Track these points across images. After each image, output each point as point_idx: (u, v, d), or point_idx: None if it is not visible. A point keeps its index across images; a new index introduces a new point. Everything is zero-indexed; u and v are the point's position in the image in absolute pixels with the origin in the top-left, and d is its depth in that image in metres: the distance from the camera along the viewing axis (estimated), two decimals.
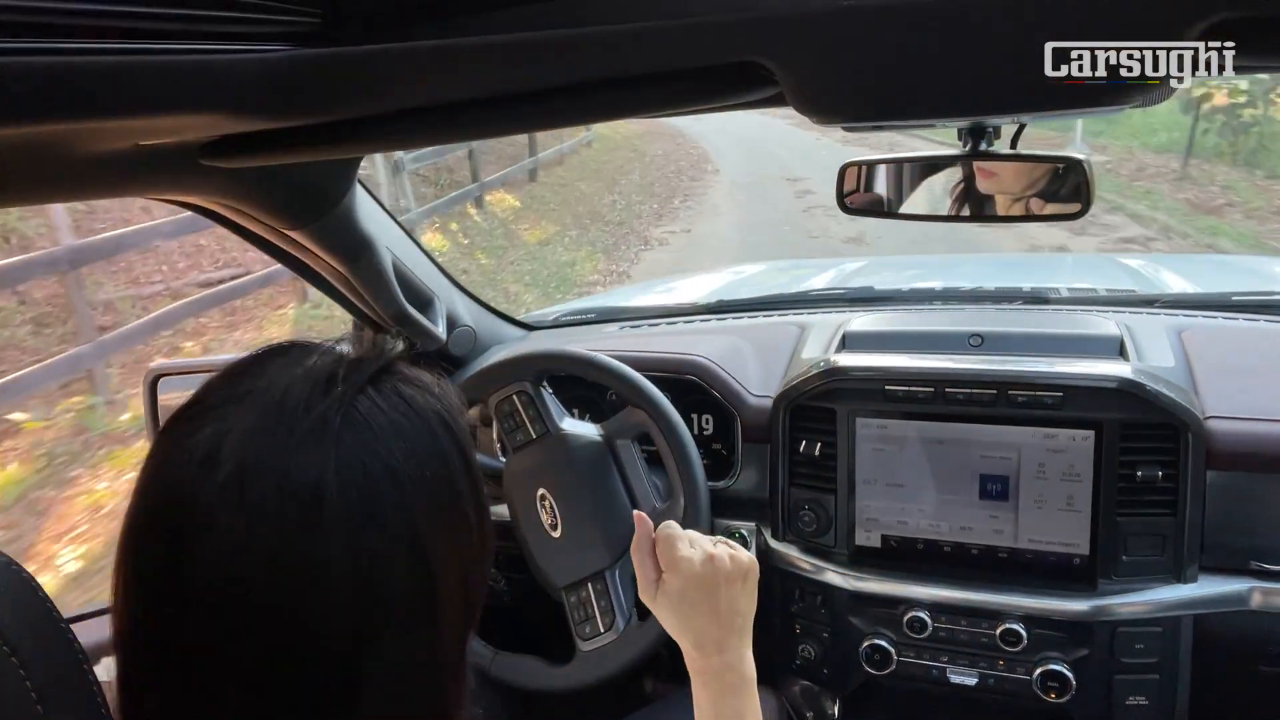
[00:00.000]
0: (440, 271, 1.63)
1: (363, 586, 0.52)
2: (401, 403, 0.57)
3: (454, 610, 0.58)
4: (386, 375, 0.59)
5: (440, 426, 0.58)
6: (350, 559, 0.51)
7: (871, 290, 1.95)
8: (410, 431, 0.56)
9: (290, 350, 0.59)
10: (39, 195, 0.93)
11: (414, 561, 0.54)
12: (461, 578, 0.58)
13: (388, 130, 0.80)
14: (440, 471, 0.57)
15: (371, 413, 0.55)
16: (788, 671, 1.45)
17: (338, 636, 0.52)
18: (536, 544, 1.36)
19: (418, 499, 0.55)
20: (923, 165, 1.10)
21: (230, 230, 1.19)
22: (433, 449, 0.57)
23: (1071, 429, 1.23)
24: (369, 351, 0.61)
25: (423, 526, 0.55)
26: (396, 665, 0.55)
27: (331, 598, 0.51)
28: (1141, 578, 1.22)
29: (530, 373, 1.38)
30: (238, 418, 0.53)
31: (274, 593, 0.50)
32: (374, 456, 0.53)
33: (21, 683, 0.44)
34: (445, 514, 0.57)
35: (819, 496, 1.37)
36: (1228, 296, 1.65)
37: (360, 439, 0.53)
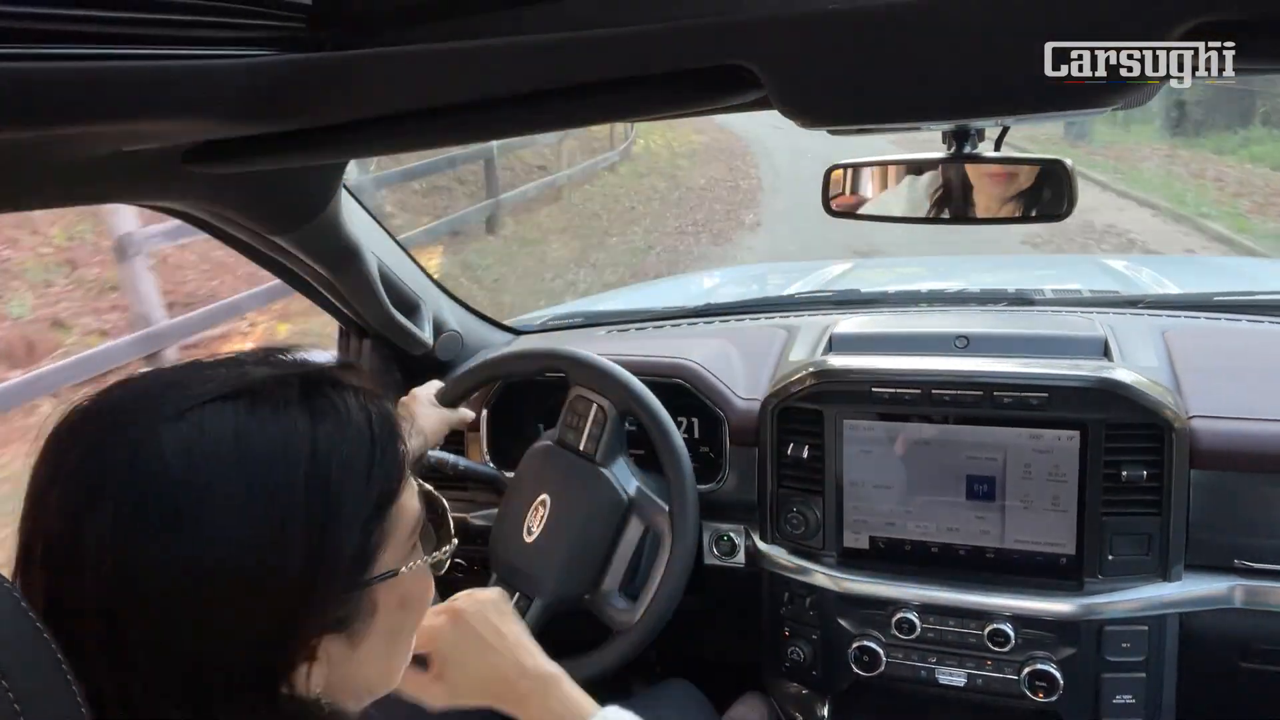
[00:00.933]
0: (426, 277, 1.63)
1: (124, 583, 0.52)
2: (267, 412, 0.56)
3: (233, 638, 0.54)
4: (284, 391, 0.57)
5: (303, 454, 0.55)
6: (118, 554, 0.52)
7: (858, 292, 1.95)
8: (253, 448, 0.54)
9: (241, 357, 0.60)
10: (20, 202, 0.92)
11: (179, 580, 0.52)
12: (250, 611, 0.54)
13: (372, 135, 0.79)
14: (268, 503, 0.54)
15: (215, 417, 0.54)
16: (777, 673, 1.45)
17: (90, 615, 0.52)
18: (507, 530, 1.35)
19: (214, 519, 0.53)
20: (908, 168, 1.11)
21: (215, 236, 1.19)
22: (270, 466, 0.54)
23: (1057, 429, 1.23)
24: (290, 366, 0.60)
25: (204, 548, 0.52)
26: (160, 676, 0.54)
27: (96, 590, 0.52)
28: (1127, 577, 1.23)
29: (534, 368, 1.39)
30: (108, 397, 0.57)
31: (57, 570, 0.53)
32: (183, 458, 0.53)
33: (4, 693, 0.43)
34: (252, 540, 0.53)
35: (807, 499, 1.37)
36: (1210, 297, 1.66)
37: (180, 436, 0.53)
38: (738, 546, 1.43)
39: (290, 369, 0.59)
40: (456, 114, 0.74)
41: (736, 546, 1.43)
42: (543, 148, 10.24)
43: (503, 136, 0.83)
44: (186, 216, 1.11)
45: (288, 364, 0.60)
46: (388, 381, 1.63)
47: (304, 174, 1.13)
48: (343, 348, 1.65)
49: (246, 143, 0.84)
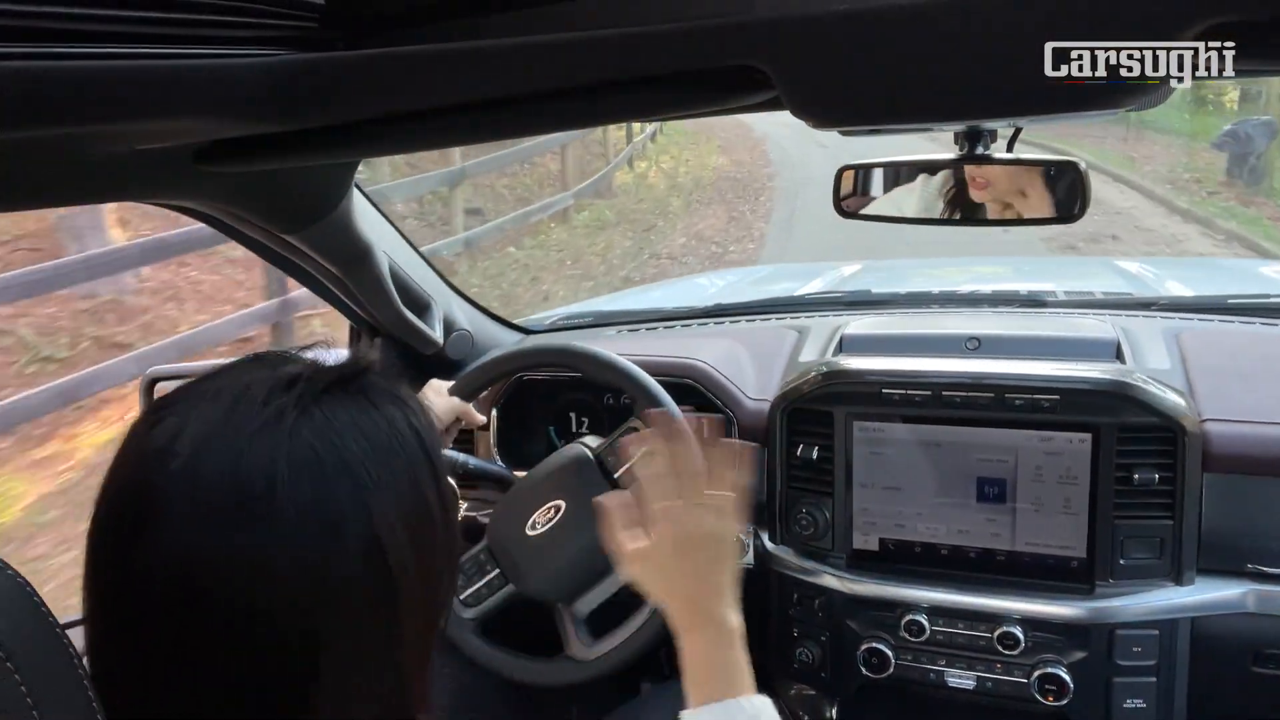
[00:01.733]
0: (437, 275, 1.63)
1: (313, 581, 0.52)
2: (367, 404, 0.58)
3: (417, 611, 0.58)
4: (355, 380, 0.59)
5: (407, 429, 0.59)
6: (299, 553, 0.52)
7: (869, 293, 1.95)
8: (373, 432, 0.57)
9: (267, 357, 0.60)
10: (33, 200, 0.93)
11: (371, 555, 0.54)
12: (425, 579, 0.59)
13: (384, 135, 0.80)
14: (405, 472, 0.57)
15: (333, 411, 0.55)
16: (785, 675, 1.45)
17: (288, 631, 0.52)
18: (512, 517, 1.34)
19: (378, 497, 0.55)
20: (919, 169, 1.10)
21: (226, 234, 1.19)
22: (397, 450, 0.57)
23: (1068, 432, 1.23)
24: (342, 361, 0.61)
25: (382, 525, 0.55)
26: (353, 663, 0.55)
27: (279, 591, 0.51)
28: (1139, 581, 1.22)
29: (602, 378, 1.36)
30: (198, 412, 0.54)
31: (221, 584, 0.51)
32: (331, 451, 0.54)
33: (17, 688, 0.44)
34: (409, 514, 0.57)
35: (816, 500, 1.37)
36: (1224, 299, 1.65)
37: (317, 434, 0.54)
38: (746, 547, 1.42)
39: (341, 365, 0.61)
40: (467, 114, 0.74)
41: (745, 547, 1.43)
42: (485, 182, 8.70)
43: (513, 136, 0.83)
44: (199, 215, 1.12)
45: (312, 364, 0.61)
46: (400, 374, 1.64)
47: (316, 173, 1.13)
48: (353, 346, 1.65)
49: (258, 142, 0.84)
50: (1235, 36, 0.55)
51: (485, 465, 1.47)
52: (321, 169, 1.13)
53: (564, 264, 7.95)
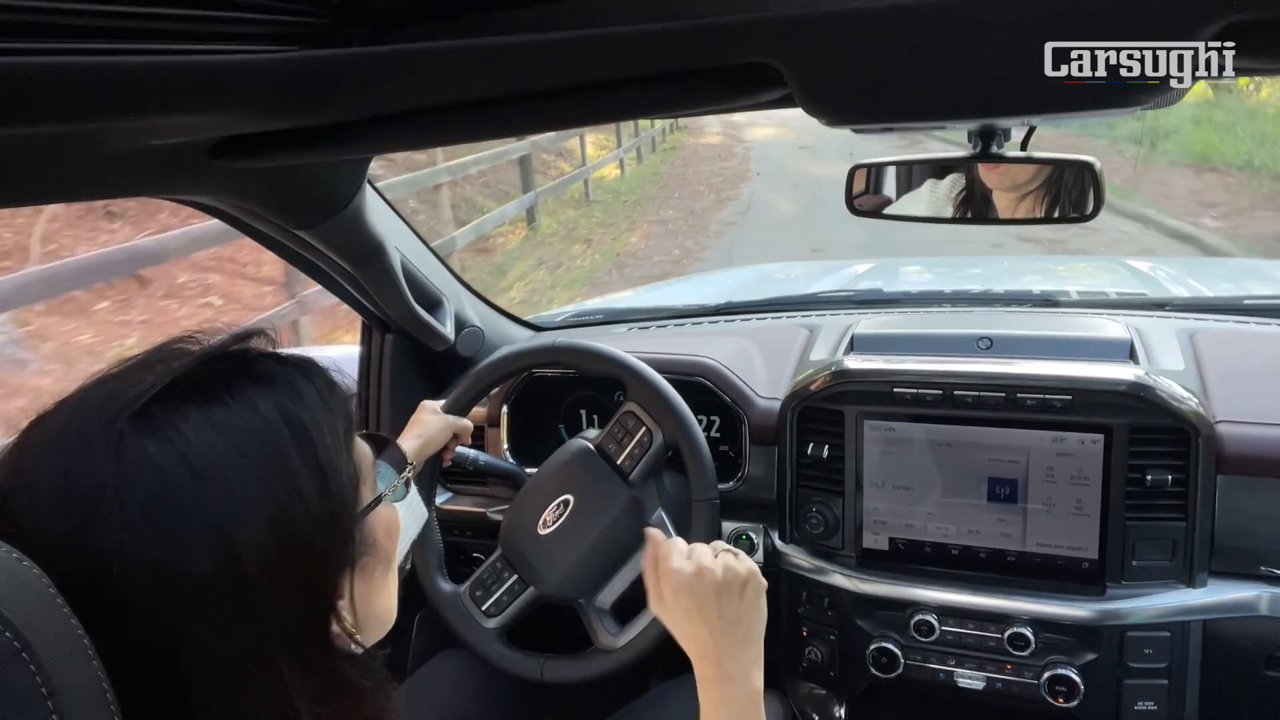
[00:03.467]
0: (449, 272, 1.64)
1: (160, 584, 0.52)
2: (222, 387, 0.58)
3: (280, 597, 0.56)
4: (212, 369, 0.59)
5: (269, 404, 0.58)
6: (141, 556, 0.52)
7: (880, 292, 1.94)
8: (223, 417, 0.56)
9: (146, 356, 0.60)
10: (51, 195, 0.93)
11: (217, 551, 0.54)
12: (290, 561, 0.57)
13: (396, 131, 0.80)
14: (260, 450, 0.57)
15: (174, 405, 0.55)
16: (794, 673, 1.45)
17: (146, 636, 0.53)
18: (523, 515, 1.35)
19: (222, 484, 0.55)
20: (932, 167, 1.10)
21: (240, 230, 1.20)
22: (250, 429, 0.57)
23: (1081, 432, 1.22)
24: (213, 348, 0.61)
25: (227, 512, 0.54)
26: (222, 664, 0.55)
27: (127, 592, 0.52)
28: (1150, 582, 1.22)
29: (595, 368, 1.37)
30: (45, 428, 0.56)
31: (74, 592, 0.50)
32: (166, 448, 0.54)
33: (33, 678, 0.44)
34: (263, 495, 0.56)
35: (826, 498, 1.37)
36: (1239, 300, 1.64)
37: (153, 433, 0.54)
38: (756, 545, 1.42)
39: (210, 349, 0.61)
40: (480, 110, 0.74)
41: (755, 545, 1.42)
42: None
43: (525, 133, 0.83)
44: (212, 210, 1.12)
45: (201, 350, 0.61)
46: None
47: (329, 169, 1.14)
48: (365, 342, 1.66)
49: (272, 138, 0.85)
50: (1235, 37, 0.55)
51: (495, 462, 1.48)
52: (335, 165, 1.14)
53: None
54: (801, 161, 12.98)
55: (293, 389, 0.61)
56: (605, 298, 4.42)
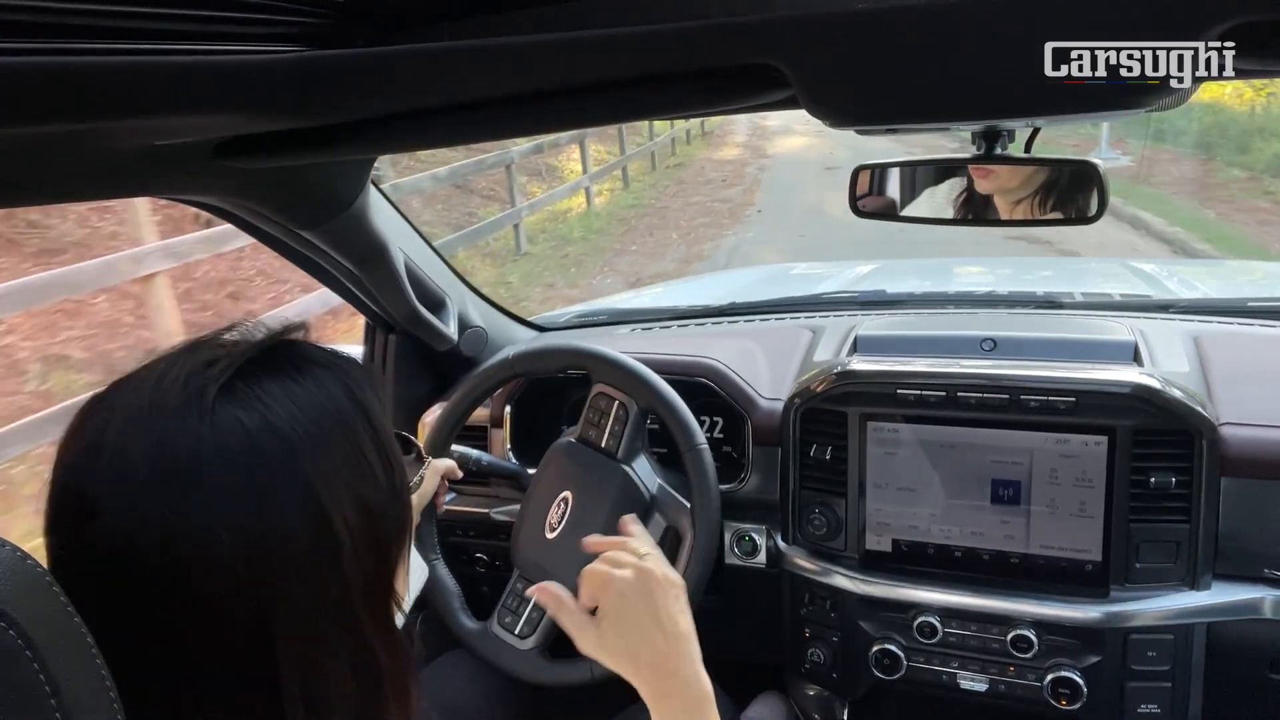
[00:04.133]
0: (453, 272, 1.64)
1: (254, 545, 0.54)
2: (292, 369, 0.60)
3: (361, 557, 0.59)
4: (280, 351, 0.61)
5: (336, 386, 0.61)
6: (237, 520, 0.54)
7: (884, 294, 1.94)
8: (300, 393, 0.59)
9: (195, 345, 0.62)
10: (55, 194, 0.94)
11: (309, 513, 0.56)
12: (367, 525, 0.60)
13: (401, 131, 0.80)
14: (337, 425, 0.59)
15: (255, 380, 0.57)
16: (797, 675, 1.45)
17: (237, 597, 0.54)
18: (529, 526, 1.36)
19: (309, 452, 0.57)
20: (935, 169, 1.10)
21: (243, 230, 1.20)
22: (326, 406, 0.59)
23: (1084, 434, 1.22)
24: (271, 335, 0.63)
25: (315, 477, 0.57)
26: (306, 620, 0.57)
27: (222, 561, 0.53)
28: (1154, 585, 1.21)
29: (555, 365, 1.39)
30: (120, 403, 0.56)
31: (165, 564, 0.52)
32: (256, 418, 0.56)
33: (36, 676, 0.44)
34: (344, 464, 0.59)
35: (829, 500, 1.37)
36: (1244, 302, 1.64)
37: (241, 404, 0.56)
38: (759, 547, 1.42)
39: (268, 337, 0.63)
40: (485, 110, 0.75)
41: (758, 547, 1.42)
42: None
43: (531, 134, 0.84)
44: (217, 210, 1.13)
45: (265, 336, 0.63)
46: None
47: (333, 169, 1.14)
48: (368, 343, 1.66)
49: (277, 137, 0.85)
50: (1235, 37, 0.55)
51: (498, 462, 1.48)
52: (338, 165, 1.14)
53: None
54: (821, 189, 10.74)
55: (349, 374, 0.63)
56: (609, 298, 4.43)
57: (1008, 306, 1.72)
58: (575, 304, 2.23)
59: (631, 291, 5.49)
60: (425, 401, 1.68)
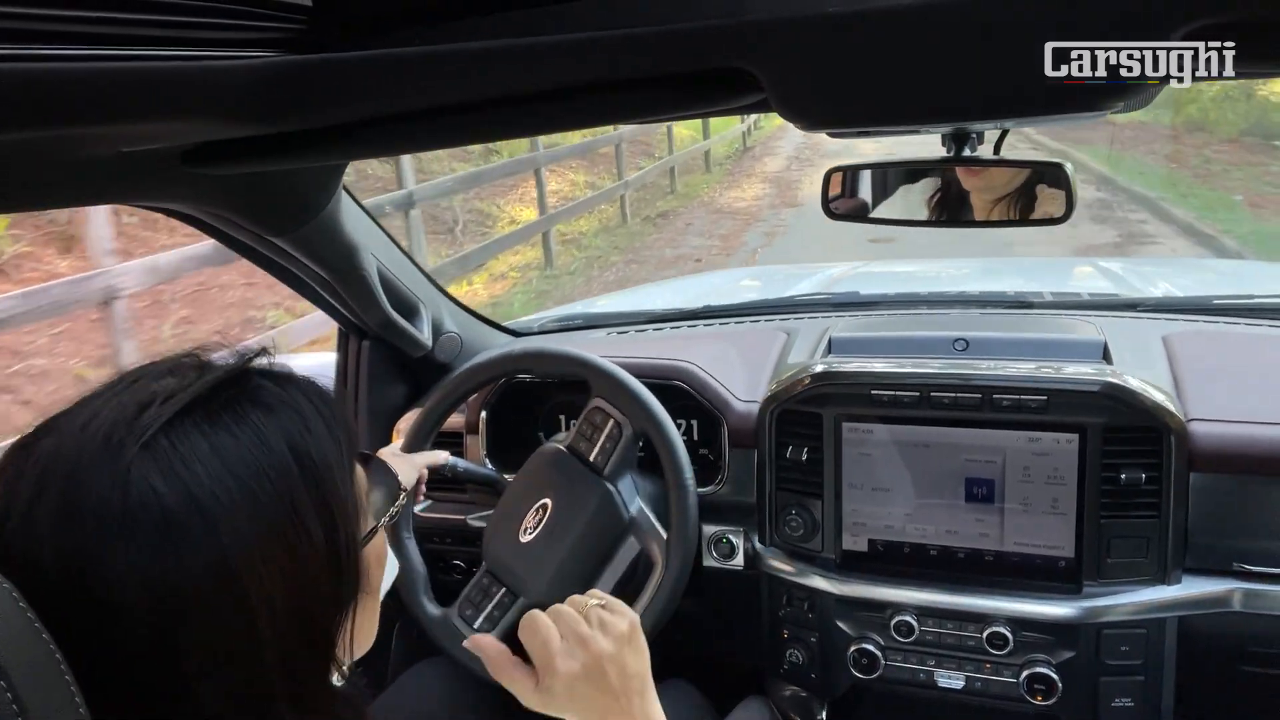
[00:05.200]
0: (426, 278, 1.63)
1: (163, 611, 0.52)
2: (230, 418, 0.57)
3: (283, 637, 0.56)
4: (225, 395, 0.58)
5: (279, 437, 0.58)
6: (143, 580, 0.52)
7: (857, 295, 1.95)
8: (232, 452, 0.55)
9: (136, 378, 0.59)
10: (20, 203, 0.92)
11: (225, 590, 0.53)
12: (295, 603, 0.56)
13: (372, 137, 0.79)
14: (270, 488, 0.56)
15: (183, 436, 0.55)
16: (775, 676, 1.45)
17: (143, 656, 0.53)
18: (503, 526, 1.35)
19: (229, 521, 0.54)
20: (906, 171, 1.11)
21: (214, 237, 1.19)
22: (260, 465, 0.56)
23: (1056, 432, 1.23)
24: (218, 371, 0.60)
25: (235, 549, 0.54)
26: (222, 691, 0.54)
27: (126, 618, 0.52)
28: (1126, 580, 1.23)
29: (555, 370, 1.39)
30: (41, 451, 0.55)
31: (69, 612, 0.51)
32: (176, 487, 0.53)
33: (6, 700, 0.44)
34: (270, 532, 0.55)
35: (806, 501, 1.37)
36: (1209, 300, 1.66)
37: (160, 468, 0.53)
38: (736, 549, 1.43)
39: (215, 373, 0.60)
40: (456, 116, 0.74)
41: (735, 549, 1.43)
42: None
43: (503, 139, 0.83)
44: (186, 217, 1.11)
45: (197, 371, 0.61)
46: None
47: (304, 175, 1.13)
48: (341, 349, 1.65)
49: (246, 144, 0.84)
50: (1235, 37, 0.56)
51: (474, 468, 1.47)
52: (309, 171, 1.13)
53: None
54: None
55: (300, 418, 0.60)
56: (584, 302, 4.42)
57: (979, 306, 1.74)
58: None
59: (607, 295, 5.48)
60: (399, 409, 1.67)
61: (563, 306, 2.49)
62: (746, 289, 2.71)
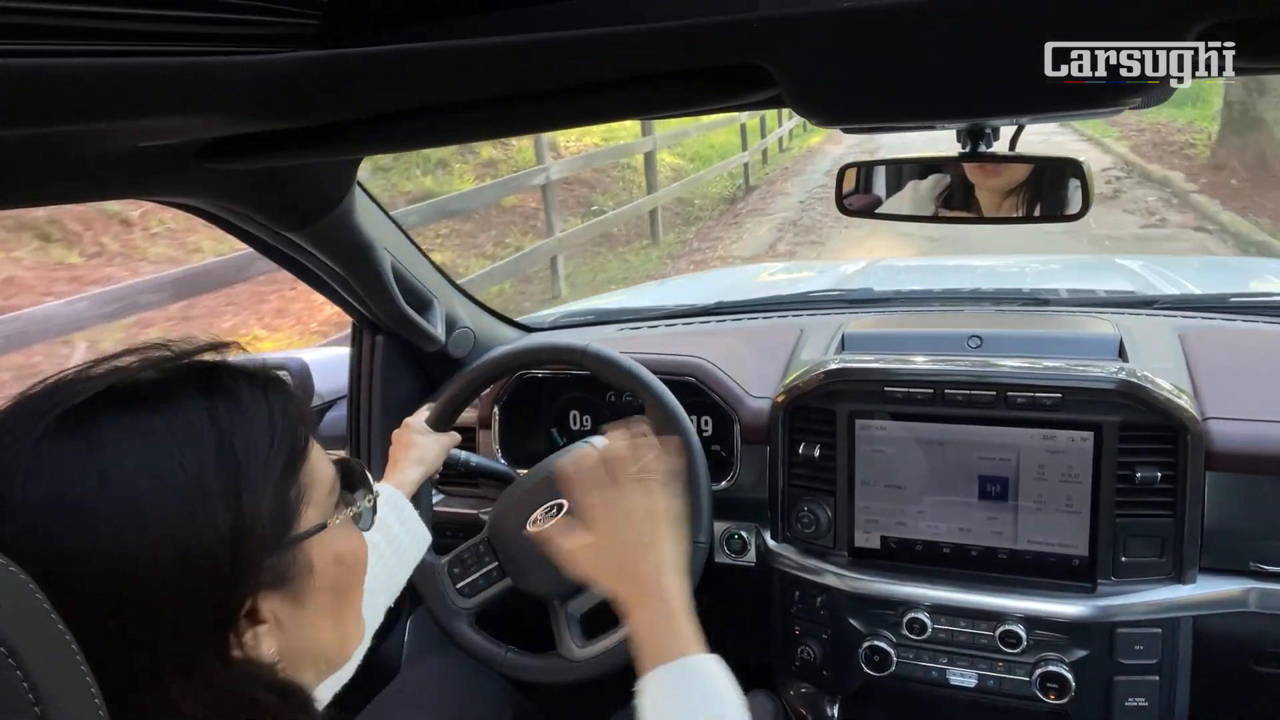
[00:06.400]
0: (439, 273, 1.63)
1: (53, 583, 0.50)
2: (160, 404, 0.58)
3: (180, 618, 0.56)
4: (169, 379, 0.60)
5: (206, 428, 0.58)
6: (40, 555, 0.52)
7: (871, 292, 1.95)
8: (152, 432, 0.57)
9: (112, 357, 0.61)
10: (37, 198, 0.93)
11: (114, 564, 0.54)
12: (191, 586, 0.56)
13: (387, 132, 0.80)
14: (182, 475, 0.57)
15: (105, 413, 0.56)
16: (787, 673, 1.45)
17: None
18: (517, 508, 1.33)
19: (132, 502, 0.55)
20: (921, 167, 1.10)
21: (228, 232, 1.19)
22: (178, 451, 0.57)
23: (1071, 430, 1.23)
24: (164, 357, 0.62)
25: (129, 529, 0.54)
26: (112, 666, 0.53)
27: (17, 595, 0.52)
28: (1141, 579, 1.22)
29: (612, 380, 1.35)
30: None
31: None
32: (81, 456, 0.55)
33: (19, 684, 0.44)
34: (174, 520, 0.56)
35: (818, 498, 1.37)
36: (1226, 298, 1.65)
37: (74, 440, 0.55)
38: (748, 545, 1.43)
39: (165, 357, 0.62)
40: (470, 111, 0.74)
41: (747, 545, 1.43)
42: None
43: (517, 134, 0.83)
44: (200, 212, 1.12)
45: (162, 352, 0.62)
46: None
47: (318, 170, 1.13)
48: (355, 344, 1.65)
49: (262, 139, 0.84)
50: (1235, 36, 0.55)
51: (486, 463, 1.48)
52: (324, 167, 1.13)
53: None
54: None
55: (236, 404, 0.61)
56: (595, 298, 4.42)
57: (994, 304, 1.73)
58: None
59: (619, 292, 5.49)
60: (413, 403, 1.68)
61: (574, 303, 2.49)
62: (759, 285, 2.70)
